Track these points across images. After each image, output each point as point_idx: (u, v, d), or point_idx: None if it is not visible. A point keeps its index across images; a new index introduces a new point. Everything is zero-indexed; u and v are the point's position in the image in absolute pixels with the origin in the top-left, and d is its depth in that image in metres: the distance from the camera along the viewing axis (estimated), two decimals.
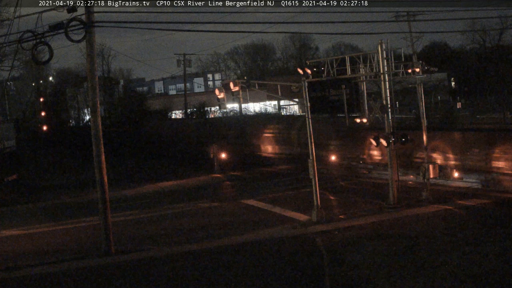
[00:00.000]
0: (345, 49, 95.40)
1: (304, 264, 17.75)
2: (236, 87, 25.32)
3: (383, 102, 25.02)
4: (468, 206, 23.96)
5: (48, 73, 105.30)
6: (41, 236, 24.59)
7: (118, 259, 19.68)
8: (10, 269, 19.03)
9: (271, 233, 21.99)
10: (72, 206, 31.54)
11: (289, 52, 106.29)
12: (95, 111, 20.51)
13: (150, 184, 37.27)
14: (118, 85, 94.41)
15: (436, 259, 16.96)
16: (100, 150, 20.36)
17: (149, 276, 17.61)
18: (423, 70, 25.63)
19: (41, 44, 18.94)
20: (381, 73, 25.12)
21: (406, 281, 15.30)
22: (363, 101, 31.28)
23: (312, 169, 23.36)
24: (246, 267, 17.87)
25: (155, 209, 28.60)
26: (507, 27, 67.27)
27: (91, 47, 20.11)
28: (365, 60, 26.39)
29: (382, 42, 24.90)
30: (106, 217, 20.35)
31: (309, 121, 23.69)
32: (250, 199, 29.44)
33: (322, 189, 25.46)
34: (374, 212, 24.06)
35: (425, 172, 25.54)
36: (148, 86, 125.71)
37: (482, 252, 17.48)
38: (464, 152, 28.72)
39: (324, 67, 26.31)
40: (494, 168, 27.08)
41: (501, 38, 73.96)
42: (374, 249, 18.53)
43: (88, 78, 20.90)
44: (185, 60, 70.39)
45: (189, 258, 19.33)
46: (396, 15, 53.92)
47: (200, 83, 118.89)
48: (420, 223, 21.83)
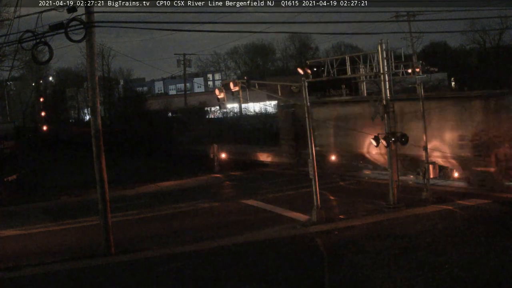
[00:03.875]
0: (345, 49, 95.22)
1: (304, 264, 17.74)
2: (236, 87, 25.32)
3: (383, 102, 25.01)
4: (468, 206, 23.96)
5: (48, 73, 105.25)
6: (41, 236, 24.59)
7: (118, 259, 19.67)
8: (10, 269, 19.02)
9: (271, 233, 21.99)
10: (72, 206, 31.53)
11: (289, 52, 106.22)
12: (95, 111, 20.51)
13: (150, 184, 37.26)
14: (118, 85, 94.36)
15: (436, 259, 16.95)
16: (100, 150, 20.36)
17: (149, 276, 17.61)
18: (423, 70, 25.66)
19: (41, 44, 18.93)
20: (381, 73, 25.12)
21: (406, 281, 15.29)
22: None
23: (312, 169, 23.36)
24: (246, 267, 17.86)
25: (155, 209, 28.60)
26: (507, 27, 67.36)
27: (91, 47, 20.12)
28: (365, 60, 26.42)
29: (382, 42, 24.91)
30: (106, 217, 20.35)
31: (309, 121, 23.69)
32: (250, 199, 29.45)
33: (322, 189, 25.46)
34: (374, 212, 24.07)
35: (425, 172, 25.55)
36: (148, 86, 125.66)
37: (482, 252, 17.49)
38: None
39: (324, 67, 26.34)
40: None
41: (501, 38, 74.04)
42: (374, 249, 18.52)
43: (88, 78, 20.91)
44: (185, 60, 70.42)
45: (189, 258, 19.34)
46: (396, 15, 53.91)
47: (200, 83, 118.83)
48: (420, 223, 21.82)
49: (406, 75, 26.60)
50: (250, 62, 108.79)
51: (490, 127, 26.23)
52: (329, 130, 34.98)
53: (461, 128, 27.51)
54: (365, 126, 28.43)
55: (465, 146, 27.26)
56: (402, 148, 25.56)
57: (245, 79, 25.81)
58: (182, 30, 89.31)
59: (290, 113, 38.99)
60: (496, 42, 74.11)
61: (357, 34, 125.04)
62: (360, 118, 31.35)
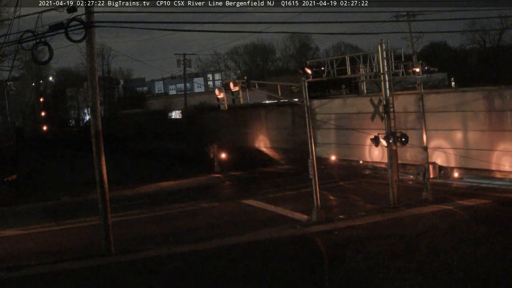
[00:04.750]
0: (345, 49, 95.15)
1: (304, 264, 17.74)
2: (236, 87, 25.30)
3: (383, 102, 25.02)
4: (468, 206, 23.96)
5: (48, 73, 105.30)
6: (41, 236, 24.58)
7: (118, 259, 19.67)
8: (10, 269, 19.02)
9: (271, 233, 21.98)
10: (72, 206, 31.51)
11: (289, 52, 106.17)
12: (95, 111, 20.51)
13: (150, 184, 37.25)
14: (118, 85, 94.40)
15: (436, 259, 16.96)
16: (100, 150, 20.36)
17: (149, 276, 17.62)
18: (423, 70, 25.62)
19: (41, 44, 18.92)
20: (381, 73, 25.13)
21: (406, 281, 15.30)
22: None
23: (312, 169, 23.36)
24: (246, 267, 17.86)
25: (155, 209, 28.58)
26: (507, 27, 67.30)
27: (91, 47, 20.11)
28: (365, 60, 26.41)
29: (382, 42, 24.91)
30: (106, 217, 20.34)
31: (309, 121, 23.69)
32: (250, 199, 29.44)
33: (322, 189, 25.46)
34: (374, 212, 24.06)
35: (425, 172, 25.55)
36: (148, 86, 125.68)
37: (482, 252, 17.49)
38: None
39: (324, 67, 26.32)
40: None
41: (501, 38, 73.98)
42: (374, 249, 18.52)
43: (88, 78, 20.90)
44: (185, 60, 70.32)
45: (189, 258, 19.33)
46: (396, 15, 53.92)
47: (200, 83, 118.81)
48: (420, 223, 21.82)
49: (406, 75, 26.56)
50: (250, 62, 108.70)
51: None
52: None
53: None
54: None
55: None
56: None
57: (245, 79, 25.79)
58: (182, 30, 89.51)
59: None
60: (496, 42, 74.07)
61: (357, 34, 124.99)
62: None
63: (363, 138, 31.11)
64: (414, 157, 29.45)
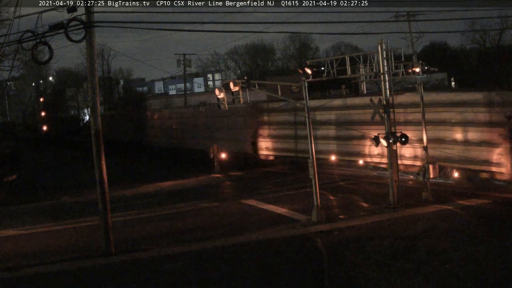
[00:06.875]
0: (345, 49, 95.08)
1: (304, 264, 17.75)
2: (236, 87, 25.31)
3: (383, 102, 25.00)
4: (468, 206, 23.97)
5: (48, 73, 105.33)
6: (41, 236, 24.57)
7: (118, 259, 19.67)
8: (10, 269, 19.02)
9: (271, 233, 21.98)
10: (72, 206, 31.51)
11: (289, 52, 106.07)
12: (95, 111, 20.51)
13: (150, 184, 37.25)
14: (118, 85, 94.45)
15: (436, 259, 16.96)
16: (100, 150, 20.36)
17: (150, 276, 17.61)
18: (423, 70, 25.62)
19: (41, 44, 18.93)
20: (381, 73, 25.12)
21: (406, 281, 15.30)
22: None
23: (312, 169, 23.36)
24: (246, 267, 17.86)
25: (155, 209, 28.58)
26: (507, 27, 67.21)
27: (91, 47, 20.12)
28: (365, 60, 26.41)
29: (382, 42, 24.90)
30: (106, 217, 20.34)
31: (309, 121, 23.70)
32: (250, 199, 29.45)
33: (322, 189, 25.46)
34: (374, 212, 24.07)
35: (425, 172, 25.55)
36: (148, 86, 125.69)
37: (482, 252, 17.50)
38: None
39: (324, 67, 26.31)
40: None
41: (501, 38, 73.88)
42: (374, 249, 18.53)
43: (88, 78, 20.90)
44: (185, 60, 70.38)
45: (189, 258, 19.33)
46: (396, 15, 53.94)
47: (200, 83, 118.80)
48: (420, 223, 21.83)
49: (406, 75, 26.57)
50: (250, 62, 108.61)
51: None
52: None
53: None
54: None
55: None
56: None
57: (245, 79, 25.80)
58: (182, 30, 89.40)
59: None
60: (496, 42, 73.96)
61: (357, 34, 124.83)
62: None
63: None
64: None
